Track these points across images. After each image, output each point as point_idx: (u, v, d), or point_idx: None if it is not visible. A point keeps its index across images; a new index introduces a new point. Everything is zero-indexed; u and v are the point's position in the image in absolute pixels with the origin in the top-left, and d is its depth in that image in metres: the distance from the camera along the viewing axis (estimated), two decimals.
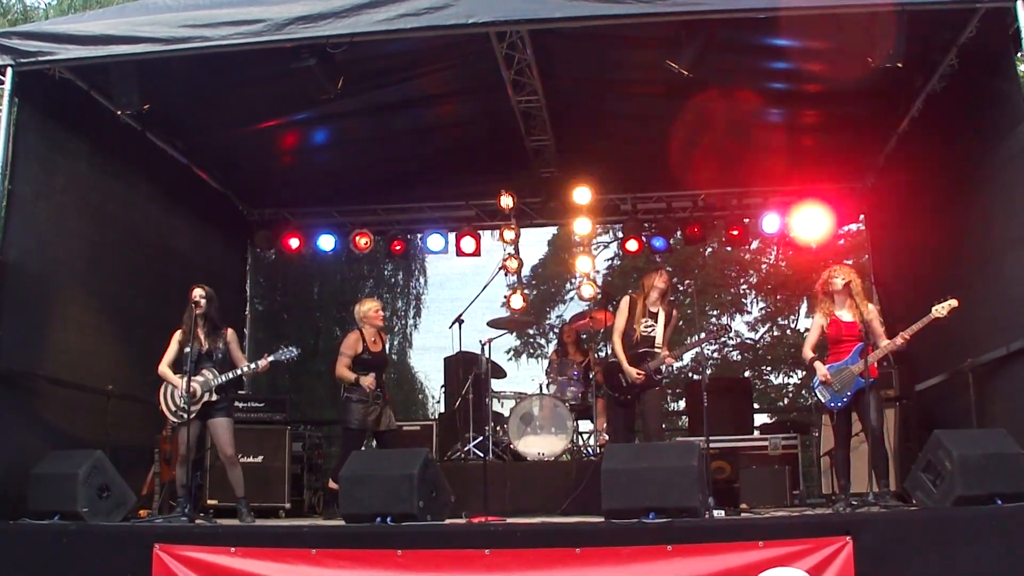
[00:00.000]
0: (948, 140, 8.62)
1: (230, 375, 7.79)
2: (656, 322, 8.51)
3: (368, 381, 8.48)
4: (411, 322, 21.80)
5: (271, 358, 7.90)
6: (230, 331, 8.02)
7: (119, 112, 8.45)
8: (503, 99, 9.69)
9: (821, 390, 7.44)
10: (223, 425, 7.79)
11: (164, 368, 7.82)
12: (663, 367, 8.42)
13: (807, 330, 7.79)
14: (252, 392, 11.25)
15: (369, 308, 8.85)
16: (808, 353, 7.55)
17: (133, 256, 9.42)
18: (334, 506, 8.16)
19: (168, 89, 8.48)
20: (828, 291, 7.53)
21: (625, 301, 8.69)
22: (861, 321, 7.29)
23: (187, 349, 7.65)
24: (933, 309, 7.05)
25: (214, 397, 7.72)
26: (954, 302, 7.03)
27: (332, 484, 8.50)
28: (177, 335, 7.82)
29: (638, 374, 8.33)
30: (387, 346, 9.05)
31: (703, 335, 8.92)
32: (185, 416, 7.56)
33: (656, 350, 8.45)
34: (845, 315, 7.45)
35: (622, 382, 8.46)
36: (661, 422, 8.64)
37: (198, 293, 7.82)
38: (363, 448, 8.80)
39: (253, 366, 7.83)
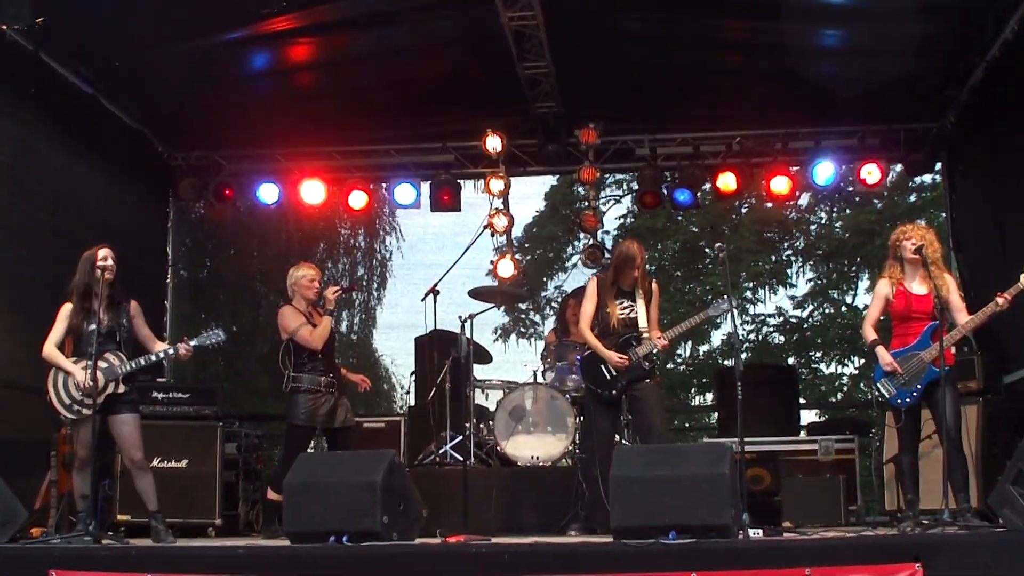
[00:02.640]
0: None
1: (142, 361, 7.72)
2: (634, 302, 8.52)
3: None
4: (375, 294, 21.75)
5: (194, 343, 7.85)
6: (134, 304, 7.94)
7: (5, 27, 8.35)
8: (491, 15, 9.58)
9: (884, 382, 7.45)
10: (130, 423, 7.73)
11: (52, 350, 7.67)
12: (654, 352, 8.44)
13: (868, 306, 7.75)
14: (175, 379, 11.19)
15: (303, 275, 8.79)
16: (869, 333, 7.55)
17: (26, 212, 9.37)
18: (276, 522, 8.15)
19: None
20: (897, 256, 7.51)
21: (592, 284, 8.72)
22: (936, 295, 7.26)
23: (84, 326, 7.54)
24: (1022, 277, 7.05)
25: (121, 388, 7.65)
26: None
27: (272, 495, 8.49)
28: (66, 309, 7.67)
29: (620, 358, 8.31)
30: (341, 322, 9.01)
31: (703, 314, 8.88)
32: (82, 411, 7.51)
33: (643, 334, 8.44)
34: (917, 287, 7.44)
35: (605, 375, 8.42)
36: (664, 417, 8.71)
37: (106, 254, 7.72)
38: (311, 449, 8.73)
39: (171, 351, 7.78)
